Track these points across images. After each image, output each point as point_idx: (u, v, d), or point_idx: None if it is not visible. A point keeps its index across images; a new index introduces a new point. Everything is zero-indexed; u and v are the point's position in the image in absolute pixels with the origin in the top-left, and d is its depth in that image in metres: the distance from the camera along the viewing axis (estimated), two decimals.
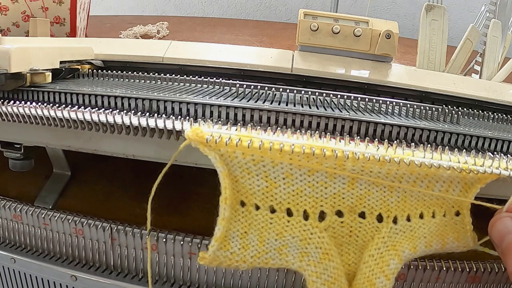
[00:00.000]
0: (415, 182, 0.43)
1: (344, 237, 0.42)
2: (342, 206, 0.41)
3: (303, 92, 0.55)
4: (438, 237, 0.44)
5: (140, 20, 1.42)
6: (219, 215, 0.40)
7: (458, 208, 0.45)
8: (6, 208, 0.54)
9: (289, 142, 0.39)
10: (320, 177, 0.41)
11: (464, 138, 0.48)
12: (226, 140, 0.38)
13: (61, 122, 0.46)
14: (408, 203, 0.43)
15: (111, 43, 0.74)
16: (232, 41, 0.74)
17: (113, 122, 0.44)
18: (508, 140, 0.48)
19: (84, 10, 1.20)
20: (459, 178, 0.44)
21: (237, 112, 0.47)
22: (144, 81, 0.62)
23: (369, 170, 0.41)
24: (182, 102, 0.47)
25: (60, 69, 0.58)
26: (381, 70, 0.68)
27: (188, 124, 0.41)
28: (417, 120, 0.51)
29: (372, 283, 0.41)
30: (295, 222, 0.40)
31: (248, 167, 0.40)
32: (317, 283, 0.40)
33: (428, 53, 0.83)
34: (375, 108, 0.53)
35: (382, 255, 0.41)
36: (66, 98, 0.50)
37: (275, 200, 0.40)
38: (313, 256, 0.40)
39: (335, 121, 0.46)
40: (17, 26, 1.07)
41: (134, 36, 1.30)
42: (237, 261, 0.41)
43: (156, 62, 0.69)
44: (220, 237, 0.40)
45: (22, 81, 0.50)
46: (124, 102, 0.49)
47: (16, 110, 0.47)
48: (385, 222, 0.42)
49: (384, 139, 0.45)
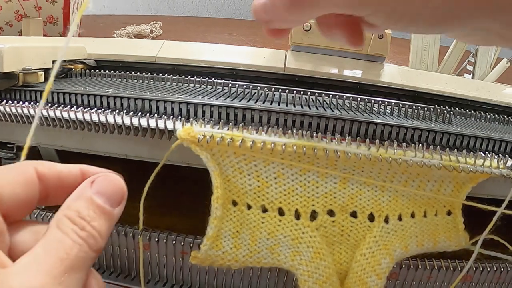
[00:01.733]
0: (406, 181, 0.43)
1: (335, 236, 0.42)
2: (334, 205, 0.42)
3: (296, 92, 0.55)
4: (429, 236, 0.45)
5: (134, 20, 1.41)
6: (211, 215, 0.40)
7: (450, 208, 0.45)
8: None
9: (280, 142, 0.39)
10: (311, 177, 0.41)
11: (456, 137, 0.48)
12: (217, 140, 0.38)
13: (53, 122, 0.46)
14: (399, 203, 0.43)
15: (104, 43, 0.74)
16: (226, 41, 0.74)
17: (106, 122, 0.44)
18: (500, 140, 0.49)
19: (77, 9, 1.19)
20: (450, 178, 0.44)
21: (229, 111, 0.47)
22: (137, 80, 0.62)
23: (360, 170, 0.42)
24: (175, 102, 0.47)
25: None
26: (373, 70, 0.68)
27: (180, 123, 0.41)
28: (409, 120, 0.51)
29: (363, 282, 0.41)
30: (287, 222, 0.41)
31: (240, 167, 0.40)
32: (308, 282, 0.40)
33: (420, 53, 0.83)
34: (368, 108, 0.53)
35: (374, 254, 0.41)
36: (59, 97, 0.50)
37: (266, 200, 0.41)
38: (305, 255, 0.40)
39: (327, 120, 0.46)
40: (10, 26, 1.07)
41: (127, 36, 1.30)
42: (229, 260, 0.41)
43: (149, 62, 0.69)
44: (212, 236, 0.40)
45: (15, 81, 0.50)
46: (116, 101, 0.49)
47: (8, 110, 0.47)
48: (376, 222, 0.42)
49: (376, 138, 0.45)
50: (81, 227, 0.30)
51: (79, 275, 0.29)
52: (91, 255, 0.30)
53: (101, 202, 0.31)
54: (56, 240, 0.29)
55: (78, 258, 0.28)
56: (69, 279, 0.27)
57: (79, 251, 0.29)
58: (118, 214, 0.32)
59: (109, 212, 0.31)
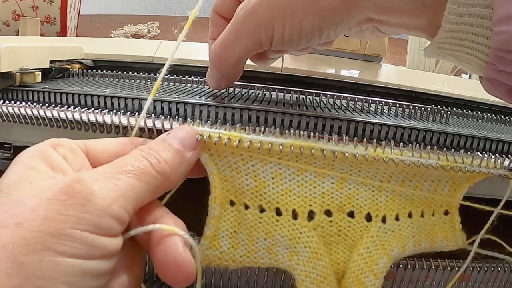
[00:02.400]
0: (403, 181, 0.43)
1: (333, 236, 0.42)
2: (331, 205, 0.42)
3: (293, 92, 0.55)
4: (427, 236, 0.45)
5: (131, 20, 1.41)
6: (209, 215, 0.40)
7: (447, 207, 0.45)
8: None
9: (277, 142, 0.39)
10: (309, 177, 0.41)
11: (453, 137, 0.48)
12: (215, 140, 0.38)
13: (50, 122, 0.46)
14: (396, 202, 0.43)
15: (102, 43, 0.74)
16: None
17: (103, 122, 0.44)
18: (497, 140, 0.49)
19: (74, 9, 1.19)
20: (447, 178, 0.44)
21: (226, 112, 0.47)
22: (134, 80, 0.62)
23: (357, 170, 0.42)
24: (172, 102, 0.47)
25: (50, 68, 0.57)
26: (371, 70, 0.69)
27: (177, 124, 0.41)
28: (406, 120, 0.51)
29: (361, 282, 0.41)
30: (284, 222, 0.41)
31: (237, 167, 0.40)
32: (306, 282, 0.40)
33: (418, 53, 0.83)
34: (365, 108, 0.53)
35: (371, 254, 0.41)
36: (56, 97, 0.50)
37: (264, 200, 0.41)
38: (302, 255, 0.40)
39: (324, 121, 0.46)
40: (7, 25, 1.07)
41: (124, 36, 1.30)
42: (226, 260, 0.41)
43: (147, 62, 0.69)
44: (210, 236, 0.40)
45: (12, 81, 0.50)
46: (113, 101, 0.49)
47: (5, 110, 0.47)
48: (373, 221, 0.42)
49: (373, 138, 0.45)
50: (146, 150, 0.34)
51: (136, 183, 0.31)
52: (152, 173, 0.33)
53: (172, 141, 0.36)
54: (120, 158, 0.33)
55: (134, 167, 0.32)
56: (122, 179, 0.31)
57: (137, 162, 0.33)
58: (191, 158, 0.37)
59: (179, 151, 0.36)
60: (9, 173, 0.30)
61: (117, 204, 0.29)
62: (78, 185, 0.28)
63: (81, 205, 0.28)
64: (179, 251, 0.32)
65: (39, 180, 0.30)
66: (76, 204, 0.27)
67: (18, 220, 0.27)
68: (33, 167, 0.31)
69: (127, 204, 0.30)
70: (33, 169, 0.31)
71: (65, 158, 0.33)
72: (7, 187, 0.29)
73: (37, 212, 0.27)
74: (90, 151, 0.36)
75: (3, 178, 0.30)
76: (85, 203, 0.28)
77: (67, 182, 0.29)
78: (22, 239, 0.26)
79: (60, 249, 0.26)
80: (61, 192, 0.28)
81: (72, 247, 0.27)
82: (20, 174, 0.30)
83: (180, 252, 0.32)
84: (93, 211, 0.28)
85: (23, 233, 0.26)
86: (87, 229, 0.27)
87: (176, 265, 0.32)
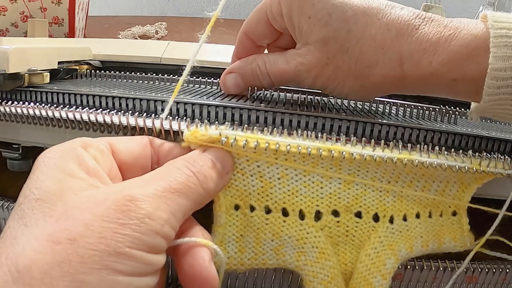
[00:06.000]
0: (411, 182, 0.43)
1: (340, 237, 0.42)
2: (338, 205, 0.42)
3: (300, 92, 0.55)
4: (434, 237, 0.45)
5: (139, 21, 1.42)
6: (214, 222, 0.40)
7: (455, 208, 0.45)
8: (4, 208, 0.54)
9: (285, 142, 0.39)
10: (316, 177, 0.41)
11: (462, 138, 0.48)
12: (222, 140, 0.38)
13: (59, 123, 0.46)
14: (404, 203, 0.43)
15: (110, 44, 0.75)
16: (231, 42, 0.74)
17: (111, 123, 0.44)
18: (505, 140, 0.49)
19: (82, 10, 1.20)
20: (456, 178, 0.44)
21: (234, 112, 0.47)
22: (142, 81, 0.62)
23: (365, 170, 0.42)
24: (180, 103, 0.47)
25: (58, 69, 0.58)
26: None
27: (185, 124, 0.41)
28: (414, 121, 0.51)
29: (368, 282, 0.41)
30: (291, 222, 0.41)
31: (242, 168, 0.40)
32: (313, 283, 0.40)
33: None
34: (373, 108, 0.53)
35: (379, 255, 0.41)
36: (64, 98, 0.50)
37: (270, 200, 0.41)
38: (310, 256, 0.40)
39: (331, 121, 0.46)
40: (15, 27, 1.08)
41: (132, 37, 1.30)
42: (235, 264, 0.41)
43: (154, 63, 0.69)
44: (216, 243, 0.39)
45: (20, 82, 0.50)
46: (122, 102, 0.49)
47: (14, 110, 0.47)
48: (381, 222, 0.42)
49: (381, 139, 0.45)
50: (192, 163, 0.35)
51: (184, 202, 0.32)
52: (199, 190, 0.34)
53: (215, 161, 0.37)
54: (166, 169, 0.34)
55: (184, 185, 0.33)
56: (172, 199, 0.31)
57: (187, 180, 0.33)
58: (226, 180, 0.39)
59: (220, 172, 0.37)
60: (45, 178, 0.30)
61: (168, 224, 0.30)
62: (133, 205, 0.29)
63: (137, 226, 0.28)
64: (206, 265, 0.33)
65: (83, 191, 0.30)
66: (131, 224, 0.28)
67: (71, 236, 0.27)
68: (70, 173, 0.31)
69: (175, 223, 0.31)
70: (71, 176, 0.31)
71: (95, 160, 0.33)
72: (49, 197, 0.29)
73: (91, 229, 0.27)
74: (115, 151, 0.36)
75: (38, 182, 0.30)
76: (140, 224, 0.28)
77: (120, 200, 0.29)
78: (78, 257, 0.26)
79: (118, 267, 0.27)
80: (115, 210, 0.28)
81: (129, 266, 0.27)
82: (60, 181, 0.30)
83: (206, 267, 0.33)
84: (147, 232, 0.29)
85: (79, 251, 0.26)
86: (142, 248, 0.28)
87: (202, 279, 0.33)
